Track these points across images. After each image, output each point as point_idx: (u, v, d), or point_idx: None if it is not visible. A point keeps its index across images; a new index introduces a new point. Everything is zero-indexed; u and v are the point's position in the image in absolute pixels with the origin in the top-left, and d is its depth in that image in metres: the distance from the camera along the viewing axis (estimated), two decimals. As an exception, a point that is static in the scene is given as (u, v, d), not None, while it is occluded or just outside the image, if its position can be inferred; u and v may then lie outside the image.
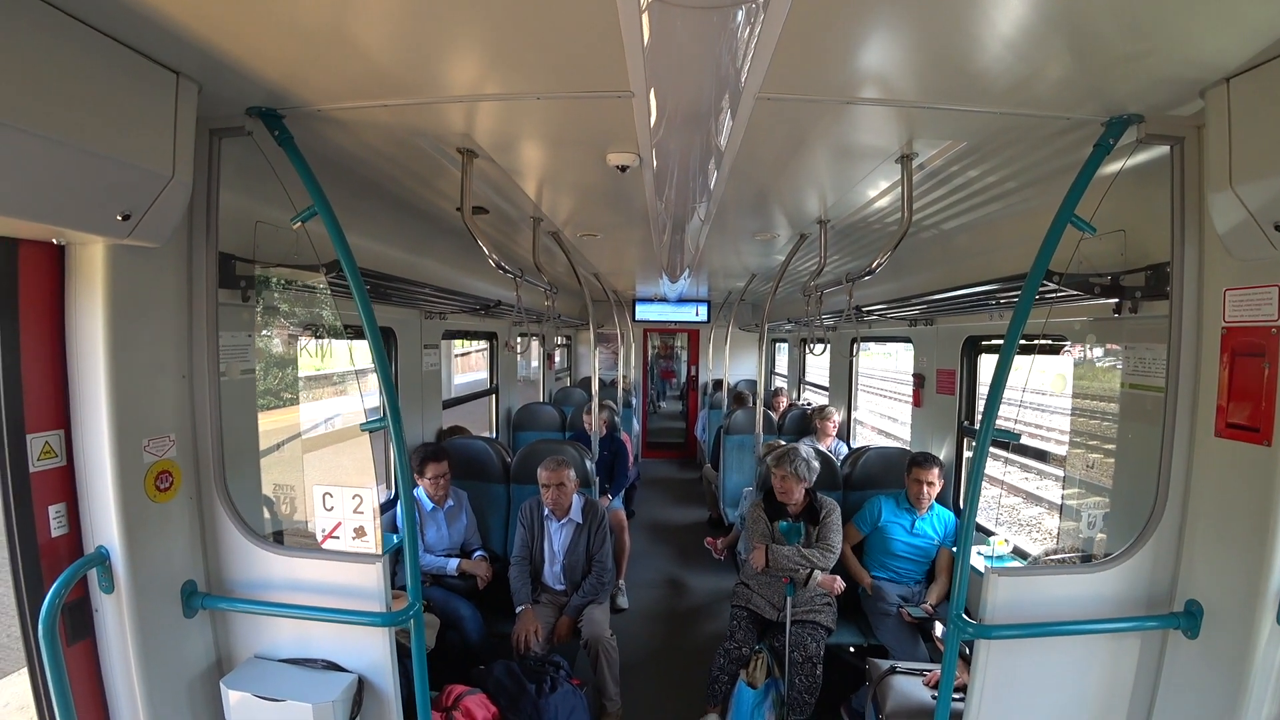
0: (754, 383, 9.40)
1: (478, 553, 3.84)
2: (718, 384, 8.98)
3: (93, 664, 1.98)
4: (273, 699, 2.01)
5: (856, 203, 2.99)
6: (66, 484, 1.90)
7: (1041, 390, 16.96)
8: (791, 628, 3.26)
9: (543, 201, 3.16)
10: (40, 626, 1.74)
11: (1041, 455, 8.25)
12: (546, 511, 3.65)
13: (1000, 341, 3.84)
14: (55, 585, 1.77)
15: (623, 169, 2.38)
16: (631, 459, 6.48)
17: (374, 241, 3.19)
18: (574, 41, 1.49)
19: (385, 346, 3.96)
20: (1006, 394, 2.00)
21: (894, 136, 2.12)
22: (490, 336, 6.51)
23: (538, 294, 4.92)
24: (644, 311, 9.66)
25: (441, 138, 2.21)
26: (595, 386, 4.83)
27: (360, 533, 2.05)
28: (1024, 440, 2.27)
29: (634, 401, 8.71)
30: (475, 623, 3.42)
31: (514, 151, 2.40)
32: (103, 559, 1.89)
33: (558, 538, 3.66)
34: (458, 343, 9.01)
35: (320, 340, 2.50)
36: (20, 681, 4.40)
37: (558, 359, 9.79)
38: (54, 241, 1.81)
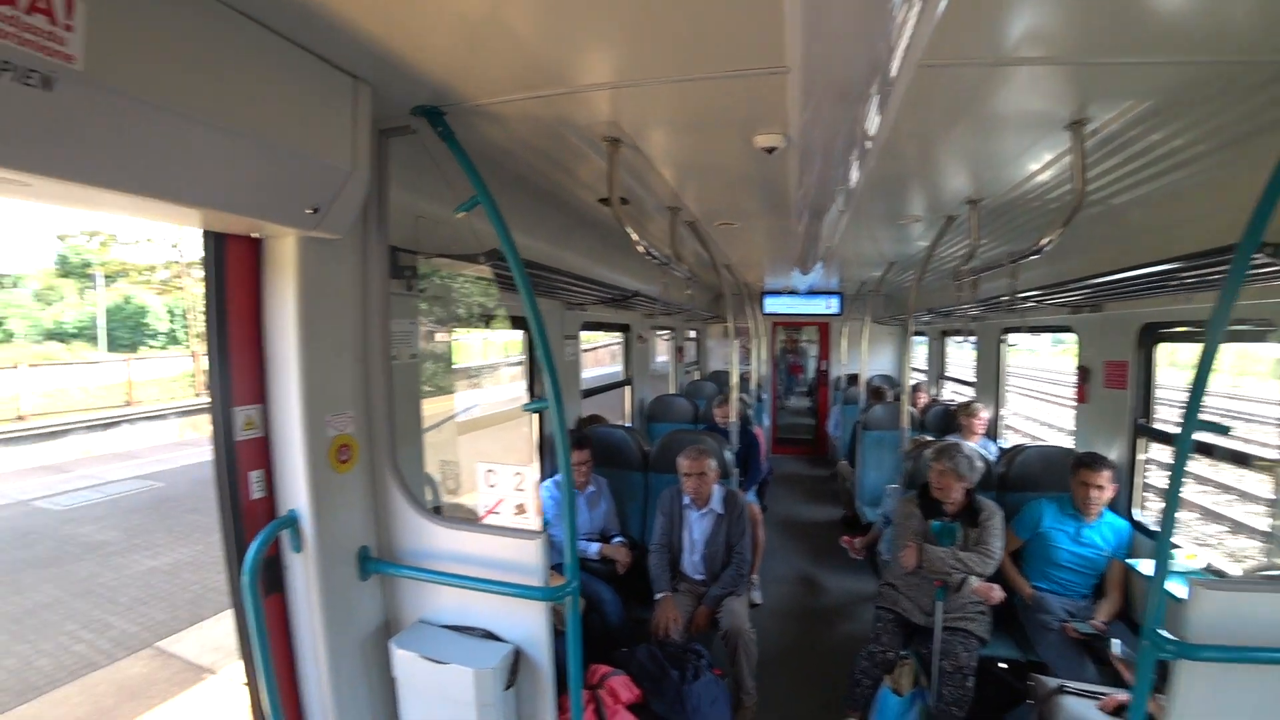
0: (888, 377, 8.99)
1: (617, 538, 3.92)
2: (851, 379, 8.66)
3: (283, 615, 2.20)
4: (437, 661, 2.14)
5: (1013, 179, 2.75)
6: (264, 453, 2.13)
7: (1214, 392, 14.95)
8: (942, 634, 3.08)
9: (683, 189, 3.15)
10: (244, 578, 1.96)
11: (1242, 459, 7.24)
12: (686, 500, 3.65)
13: (1187, 329, 3.43)
14: (255, 542, 1.99)
15: (770, 151, 2.33)
16: (763, 453, 6.40)
17: (518, 233, 3.30)
18: (729, 17, 1.46)
19: (529, 336, 4.17)
20: (1172, 395, 1.74)
21: (1065, 100, 1.90)
22: (624, 329, 6.64)
23: (672, 286, 4.96)
24: (773, 305, 9.46)
25: (588, 126, 2.25)
26: (735, 378, 4.80)
27: (521, 509, 2.15)
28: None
29: (764, 396, 8.58)
30: (615, 606, 3.49)
31: (659, 137, 2.40)
32: (293, 521, 2.10)
33: (698, 527, 3.66)
34: (583, 337, 9.36)
35: (473, 329, 2.64)
36: (213, 626, 5.08)
37: (688, 352, 9.83)
38: (253, 235, 2.05)
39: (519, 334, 4.22)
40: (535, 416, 4.13)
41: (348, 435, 2.22)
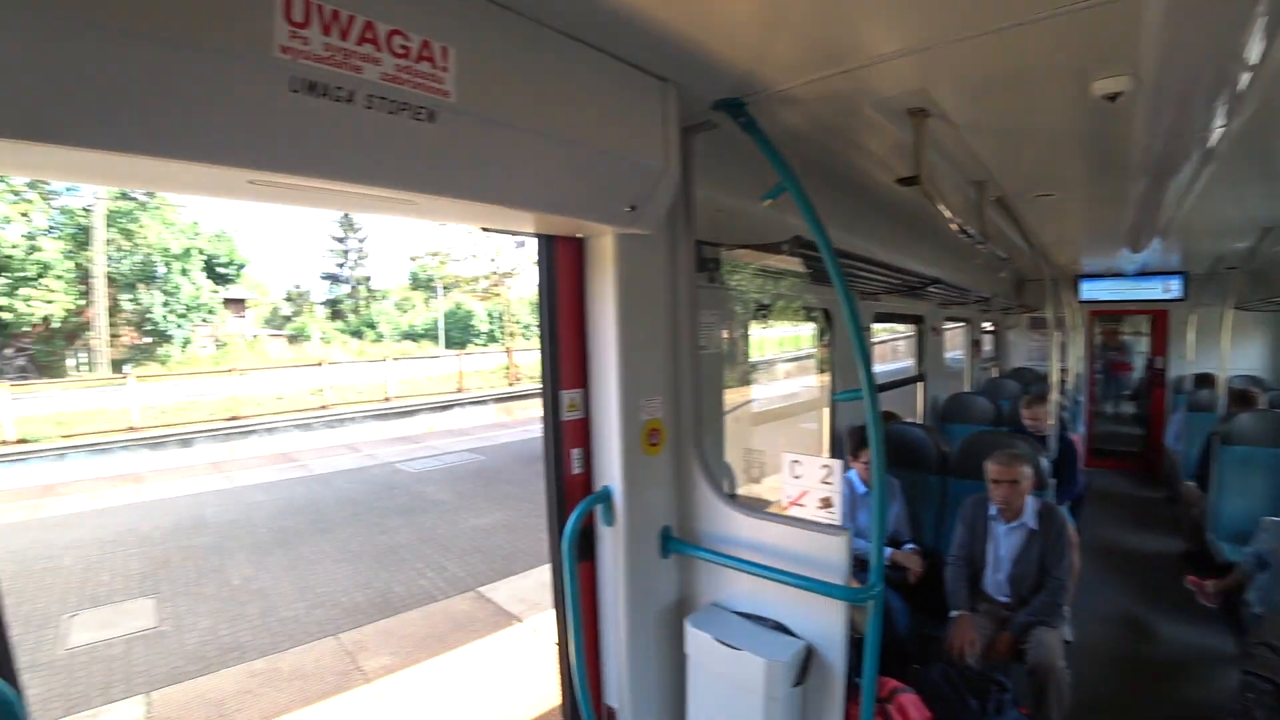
0: (1255, 378, 7.13)
1: (909, 545, 3.63)
2: (1201, 379, 7.01)
3: (592, 581, 2.41)
4: (730, 645, 2.17)
5: None
6: (583, 433, 2.35)
7: None
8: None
9: (994, 159, 2.81)
10: (564, 543, 2.19)
11: None
12: (993, 511, 3.26)
13: None
14: (575, 513, 2.20)
15: (1112, 98, 1.98)
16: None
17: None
18: None
19: (824, 328, 4.06)
20: None
21: None
22: (916, 320, 6.18)
23: (971, 272, 4.47)
24: (1091, 290, 8.03)
25: (892, 99, 2.11)
26: (1055, 375, 4.18)
27: (826, 503, 2.08)
28: None
29: (1080, 398, 7.34)
30: (904, 617, 3.24)
31: (971, 101, 2.17)
32: (607, 497, 2.29)
33: (1005, 542, 3.24)
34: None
35: (771, 321, 2.64)
36: (520, 581, 5.85)
37: (986, 346, 8.82)
38: (576, 236, 2.25)
39: (792, 326, 4.15)
40: (825, 410, 4.03)
41: (658, 420, 2.37)
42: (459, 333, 32.38)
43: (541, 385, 2.32)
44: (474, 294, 30.40)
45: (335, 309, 34.05)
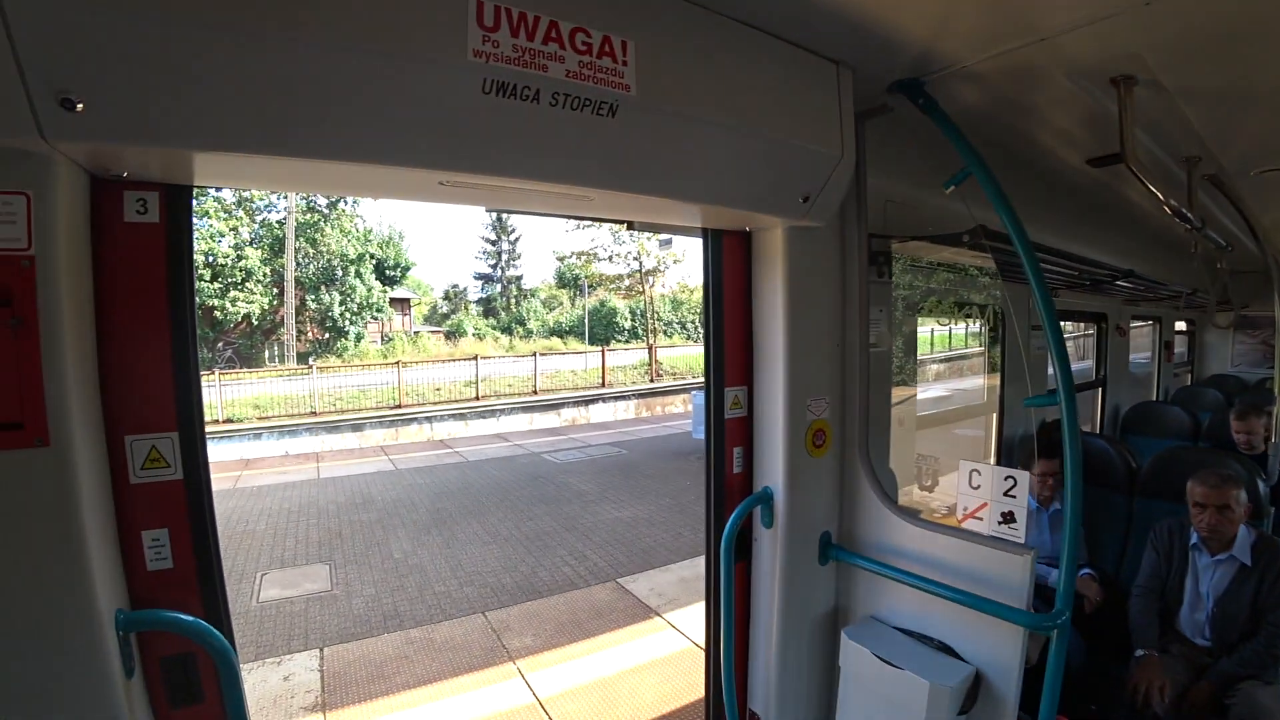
0: None
1: (1085, 570, 3.27)
2: None
3: (745, 582, 2.38)
4: (889, 663, 2.06)
5: None
6: (745, 432, 2.32)
7: None
8: None
9: (1213, 129, 2.45)
10: (722, 542, 2.18)
11: None
12: (1194, 539, 2.85)
13: None
14: (735, 512, 2.19)
15: None
16: None
17: (983, 208, 2.99)
18: None
19: (993, 325, 3.77)
20: None
21: None
22: (1098, 318, 5.58)
23: (1166, 263, 3.94)
24: None
25: (1093, 67, 1.90)
26: None
27: (1008, 518, 1.92)
28: None
29: None
30: (1078, 650, 2.91)
31: (1191, 63, 1.89)
32: (768, 498, 2.25)
33: (1208, 576, 2.82)
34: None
35: (943, 318, 2.49)
36: (659, 575, 5.91)
37: (1178, 348, 7.77)
38: (744, 229, 2.23)
39: (941, 324, 3.87)
40: (994, 415, 3.74)
41: (823, 420, 2.30)
42: (602, 329, 33.48)
43: (705, 381, 2.33)
44: (617, 292, 31.36)
45: (488, 306, 36.31)
